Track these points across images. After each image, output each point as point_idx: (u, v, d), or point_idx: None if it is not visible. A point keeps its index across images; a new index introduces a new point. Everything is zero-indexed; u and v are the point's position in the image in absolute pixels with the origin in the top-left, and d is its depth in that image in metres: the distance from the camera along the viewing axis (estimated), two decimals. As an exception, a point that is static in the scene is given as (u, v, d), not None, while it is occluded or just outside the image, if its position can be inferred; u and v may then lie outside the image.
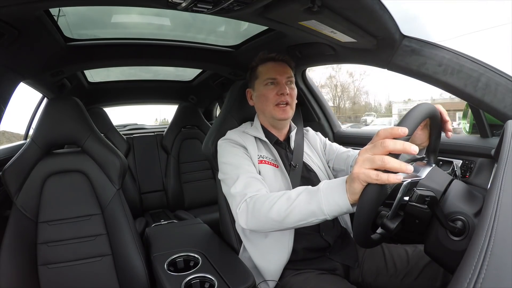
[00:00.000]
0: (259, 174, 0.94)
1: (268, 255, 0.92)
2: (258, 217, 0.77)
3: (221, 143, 1.02)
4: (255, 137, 1.01)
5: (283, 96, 0.97)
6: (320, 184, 0.69)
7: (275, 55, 1.02)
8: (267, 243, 0.93)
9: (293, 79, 1.04)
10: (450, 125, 0.73)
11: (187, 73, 2.25)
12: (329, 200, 0.64)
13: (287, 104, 0.99)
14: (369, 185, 0.55)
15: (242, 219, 0.81)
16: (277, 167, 0.98)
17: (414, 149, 0.51)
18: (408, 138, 0.60)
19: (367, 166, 0.54)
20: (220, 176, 0.98)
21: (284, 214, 0.71)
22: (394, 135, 0.53)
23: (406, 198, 0.64)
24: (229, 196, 0.91)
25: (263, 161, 0.97)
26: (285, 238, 0.91)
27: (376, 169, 0.53)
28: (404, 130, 0.52)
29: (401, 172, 0.51)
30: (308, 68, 1.53)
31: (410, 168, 0.50)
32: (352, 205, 0.61)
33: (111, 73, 2.06)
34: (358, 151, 1.09)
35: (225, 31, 1.41)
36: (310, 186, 0.72)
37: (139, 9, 1.19)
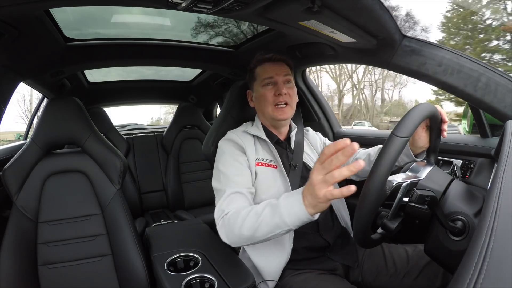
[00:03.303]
0: (256, 176, 0.94)
1: (268, 255, 0.92)
2: (234, 232, 0.80)
3: (221, 143, 1.01)
4: (256, 137, 1.01)
5: (281, 96, 0.97)
6: (280, 197, 0.73)
7: (272, 55, 1.02)
8: (267, 243, 0.92)
9: (291, 78, 1.03)
10: (446, 126, 0.78)
11: (187, 73, 2.25)
12: (289, 212, 0.68)
13: (286, 104, 0.98)
14: (368, 186, 0.56)
15: (223, 235, 0.84)
16: (276, 167, 0.97)
17: (354, 147, 0.54)
18: (407, 139, 0.60)
19: (324, 188, 0.59)
20: (212, 182, 0.96)
21: (253, 229, 0.75)
22: (339, 149, 0.56)
23: (406, 199, 0.64)
24: (215, 208, 0.91)
25: (261, 163, 0.97)
26: (285, 238, 0.91)
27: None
28: (346, 141, 0.55)
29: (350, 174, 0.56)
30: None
31: (356, 166, 0.54)
32: (313, 215, 0.66)
33: (113, 69, 2.05)
34: (358, 151, 1.10)
35: (225, 31, 1.41)
36: (273, 200, 0.76)
37: (139, 9, 1.19)
